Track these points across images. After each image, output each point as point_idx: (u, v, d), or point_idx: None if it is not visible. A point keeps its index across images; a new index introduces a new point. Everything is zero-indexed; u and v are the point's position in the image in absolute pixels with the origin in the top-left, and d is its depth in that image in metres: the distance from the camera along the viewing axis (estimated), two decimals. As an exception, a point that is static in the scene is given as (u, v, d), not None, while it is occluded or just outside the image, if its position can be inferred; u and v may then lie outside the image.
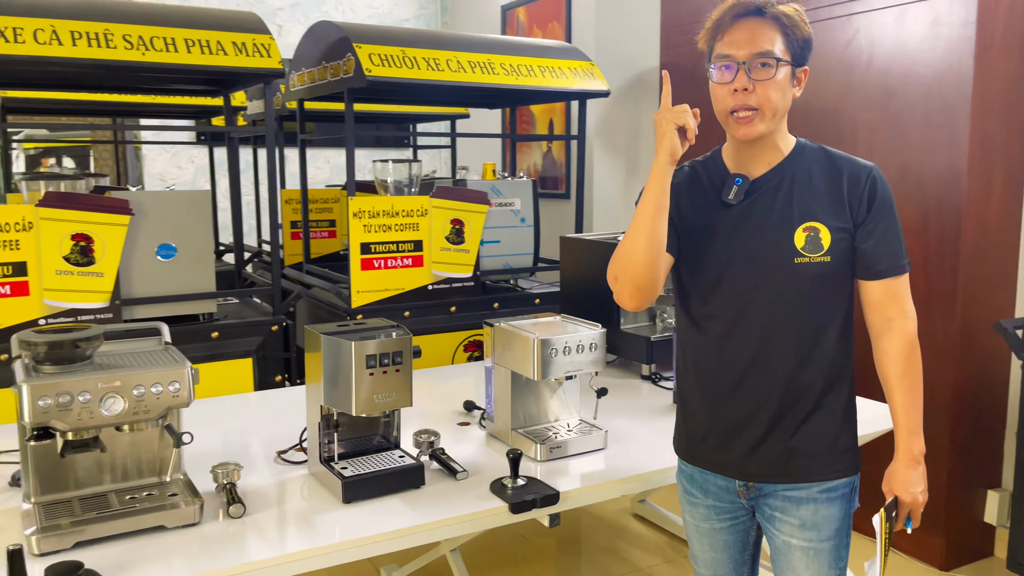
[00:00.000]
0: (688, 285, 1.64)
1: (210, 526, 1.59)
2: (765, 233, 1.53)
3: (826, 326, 1.54)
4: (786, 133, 1.58)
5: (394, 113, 5.15)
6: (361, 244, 3.21)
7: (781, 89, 1.50)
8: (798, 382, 1.54)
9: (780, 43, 1.49)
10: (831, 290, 1.53)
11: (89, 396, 1.46)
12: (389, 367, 1.70)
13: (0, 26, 2.44)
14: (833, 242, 1.50)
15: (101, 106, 4.25)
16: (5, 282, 2.61)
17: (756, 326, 1.54)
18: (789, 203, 1.53)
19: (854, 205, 1.52)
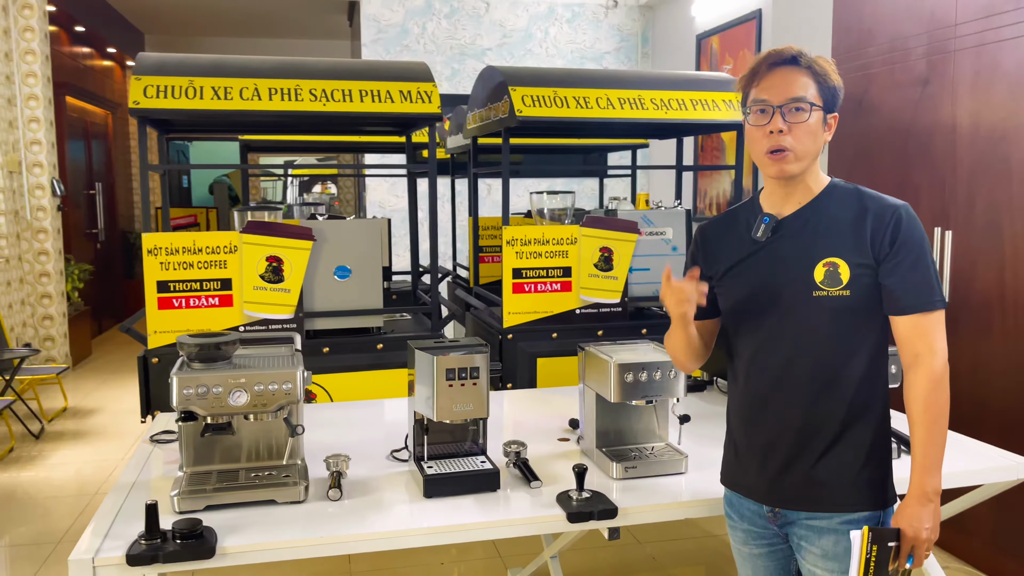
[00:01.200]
0: (725, 315, 1.78)
1: (312, 505, 1.90)
2: (788, 267, 1.64)
3: (848, 359, 1.60)
4: (818, 174, 1.68)
5: (584, 145, 5.39)
6: (513, 269, 3.48)
7: (813, 132, 1.60)
8: (818, 412, 1.62)
9: (813, 89, 1.60)
10: (853, 324, 1.60)
11: (221, 389, 1.83)
12: (467, 380, 1.93)
13: (214, 85, 3.01)
14: (853, 277, 1.58)
15: (327, 144, 4.90)
16: (215, 294, 3.17)
17: (778, 355, 1.65)
18: (813, 239, 1.63)
19: (876, 242, 1.57)
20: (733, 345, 1.77)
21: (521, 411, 2.80)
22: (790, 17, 4.42)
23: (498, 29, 7.34)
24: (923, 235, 1.58)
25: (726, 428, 1.84)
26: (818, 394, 1.61)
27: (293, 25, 10.03)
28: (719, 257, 1.76)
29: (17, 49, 6.58)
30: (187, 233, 3.16)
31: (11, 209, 6.46)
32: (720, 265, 1.75)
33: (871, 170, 3.63)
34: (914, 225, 1.57)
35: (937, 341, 1.56)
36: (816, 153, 1.62)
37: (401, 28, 7.17)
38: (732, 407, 1.79)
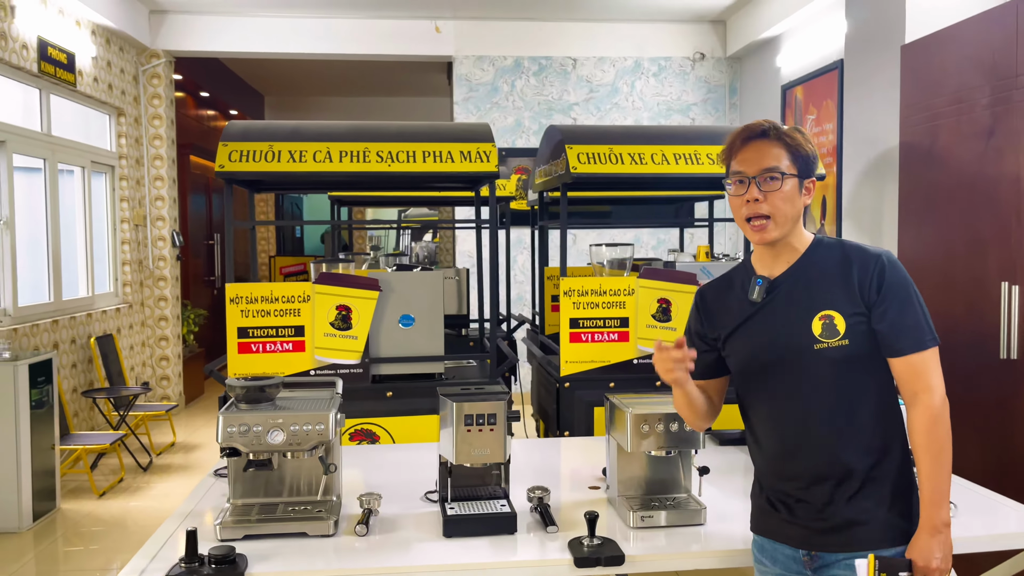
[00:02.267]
0: (734, 376, 1.86)
1: (341, 539, 2.05)
2: (786, 325, 1.72)
3: (860, 404, 1.67)
4: (802, 234, 1.77)
5: (665, 196, 5.46)
6: (570, 319, 3.58)
7: (789, 199, 1.71)
8: (843, 459, 1.68)
9: (786, 159, 1.71)
10: (857, 371, 1.67)
11: (260, 428, 2.02)
12: (484, 426, 2.05)
13: (291, 149, 3.30)
14: (849, 327, 1.66)
15: (408, 199, 5.18)
16: (289, 340, 3.43)
17: (792, 411, 1.74)
18: (807, 295, 1.71)
19: (864, 290, 1.66)
20: (746, 404, 1.84)
21: (565, 458, 2.88)
22: (862, 69, 4.39)
23: (585, 85, 7.54)
24: (907, 278, 1.67)
25: (753, 477, 1.90)
26: (837, 442, 1.68)
27: (398, 84, 10.59)
28: (720, 320, 1.85)
29: (146, 115, 7.28)
30: (266, 284, 3.44)
31: (135, 259, 7.08)
32: (721, 328, 1.84)
33: (939, 222, 3.55)
34: (897, 270, 1.66)
35: (933, 378, 1.64)
36: (795, 217, 1.72)
37: (491, 87, 7.48)
38: (756, 460, 1.86)
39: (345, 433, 3.43)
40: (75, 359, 5.81)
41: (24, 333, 5.08)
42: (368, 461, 2.82)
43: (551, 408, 3.85)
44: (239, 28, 7.26)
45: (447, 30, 7.38)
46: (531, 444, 3.11)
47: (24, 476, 4.26)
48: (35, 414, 4.36)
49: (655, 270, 3.66)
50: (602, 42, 7.51)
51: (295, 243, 13.75)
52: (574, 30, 7.47)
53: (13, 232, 5.10)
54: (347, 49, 7.38)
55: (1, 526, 4.25)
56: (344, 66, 9.21)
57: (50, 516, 4.54)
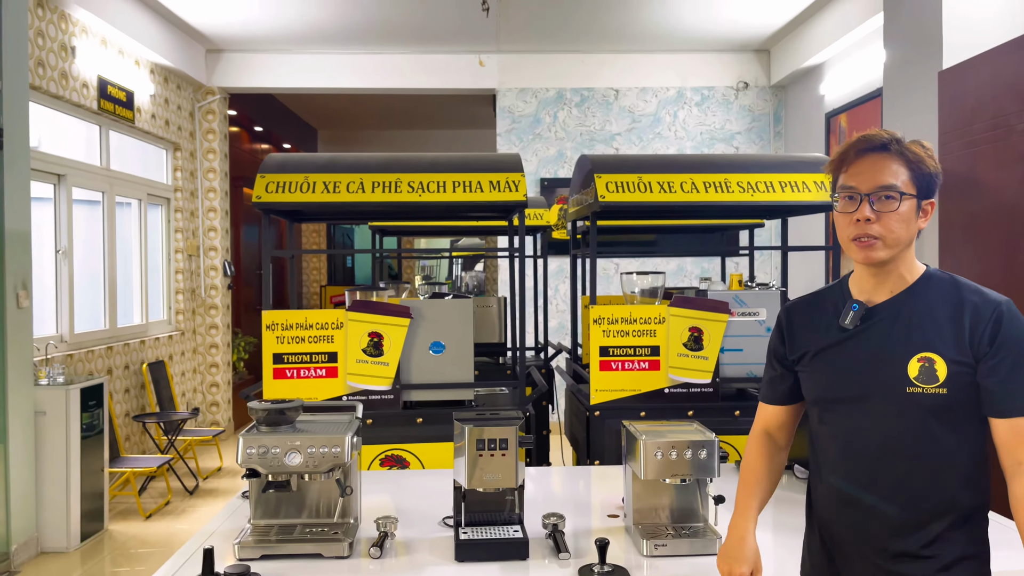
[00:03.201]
0: (809, 404, 1.73)
1: (355, 561, 2.09)
2: (879, 360, 1.57)
3: (946, 462, 1.53)
4: (913, 263, 1.61)
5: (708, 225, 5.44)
6: (600, 347, 3.59)
7: (904, 221, 1.54)
8: (911, 515, 1.54)
9: (904, 176, 1.55)
10: (950, 424, 1.52)
11: (279, 450, 2.08)
12: (496, 451, 2.07)
13: (325, 180, 3.40)
14: (950, 375, 1.50)
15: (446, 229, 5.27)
16: (321, 366, 3.50)
17: (868, 453, 1.58)
18: (907, 332, 1.55)
19: (975, 339, 1.50)
20: (816, 435, 1.71)
21: (590, 487, 2.87)
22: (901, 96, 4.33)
23: (627, 115, 7.58)
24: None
25: (807, 517, 1.81)
26: (911, 496, 1.54)
27: (446, 117, 10.79)
28: (802, 340, 1.71)
29: (201, 149, 7.56)
30: (300, 311, 3.53)
31: (188, 288, 7.31)
32: (804, 350, 1.70)
33: (979, 250, 3.46)
34: (1017, 323, 1.49)
35: None
36: (908, 240, 1.56)
37: (533, 118, 7.58)
38: (817, 498, 1.73)
39: (375, 459, 3.48)
40: (128, 384, 6.01)
41: (79, 359, 5.28)
42: (394, 486, 2.86)
43: (582, 437, 3.84)
44: (290, 65, 7.51)
45: (491, 64, 7.52)
46: (557, 472, 3.11)
47: (73, 497, 4.40)
48: (86, 437, 4.51)
49: (686, 298, 3.65)
50: (644, 72, 7.56)
51: (346, 272, 14.01)
52: (616, 61, 7.53)
53: (71, 262, 5.33)
54: (394, 83, 7.57)
55: (50, 545, 4.40)
56: (393, 100, 9.43)
57: (98, 537, 4.68)
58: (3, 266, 4.12)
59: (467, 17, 6.51)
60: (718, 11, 6.47)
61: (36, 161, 4.96)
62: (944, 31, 3.88)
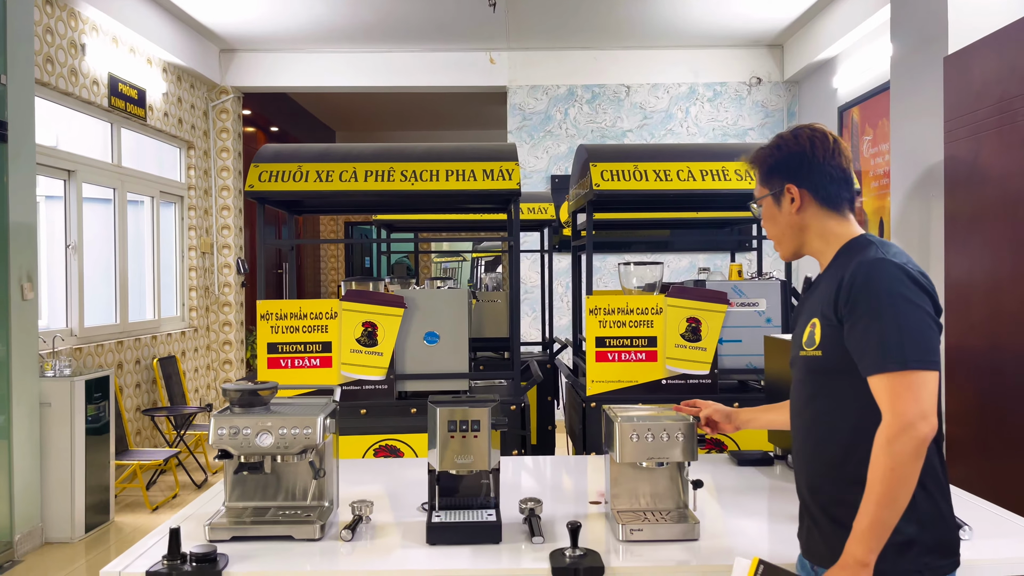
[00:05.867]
0: None
1: (327, 543, 2.06)
2: (797, 328, 1.72)
3: (831, 426, 1.59)
4: (828, 240, 1.68)
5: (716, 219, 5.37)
6: (596, 338, 3.55)
7: (769, 220, 1.73)
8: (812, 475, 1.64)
9: (759, 181, 1.72)
10: (829, 386, 1.59)
11: (250, 431, 2.06)
12: (468, 432, 2.04)
13: (318, 169, 3.40)
14: (824, 337, 1.58)
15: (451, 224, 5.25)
16: (315, 356, 3.50)
17: (792, 419, 1.74)
18: (811, 300, 1.69)
19: (839, 301, 1.55)
20: None
21: (578, 475, 2.83)
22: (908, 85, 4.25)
23: (638, 111, 7.53)
24: (884, 291, 1.47)
25: None
26: (810, 457, 1.63)
27: (461, 117, 10.80)
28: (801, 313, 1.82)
29: (214, 147, 7.63)
30: (294, 301, 3.52)
31: (202, 285, 7.37)
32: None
33: (986, 236, 3.38)
34: (872, 281, 1.49)
35: (895, 404, 1.44)
36: (786, 232, 1.70)
37: (544, 115, 7.55)
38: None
39: (369, 449, 3.47)
40: (139, 379, 6.06)
41: (89, 352, 5.34)
42: (382, 473, 2.83)
43: (578, 428, 3.79)
44: (303, 64, 7.55)
45: (501, 61, 7.51)
46: (547, 460, 3.07)
47: (78, 488, 4.44)
48: (91, 429, 4.55)
49: (684, 288, 3.60)
50: (656, 68, 7.50)
51: (364, 272, 14.06)
52: (627, 57, 7.48)
53: (81, 257, 5.39)
54: (406, 81, 7.58)
55: (55, 536, 4.44)
56: (407, 99, 9.46)
57: (103, 528, 4.71)
58: (8, 259, 4.17)
59: (478, 14, 6.50)
60: (730, 5, 6.40)
61: (46, 157, 5.02)
62: (950, 16, 3.80)
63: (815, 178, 1.65)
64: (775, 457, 2.92)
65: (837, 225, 1.66)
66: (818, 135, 1.66)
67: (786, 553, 2.03)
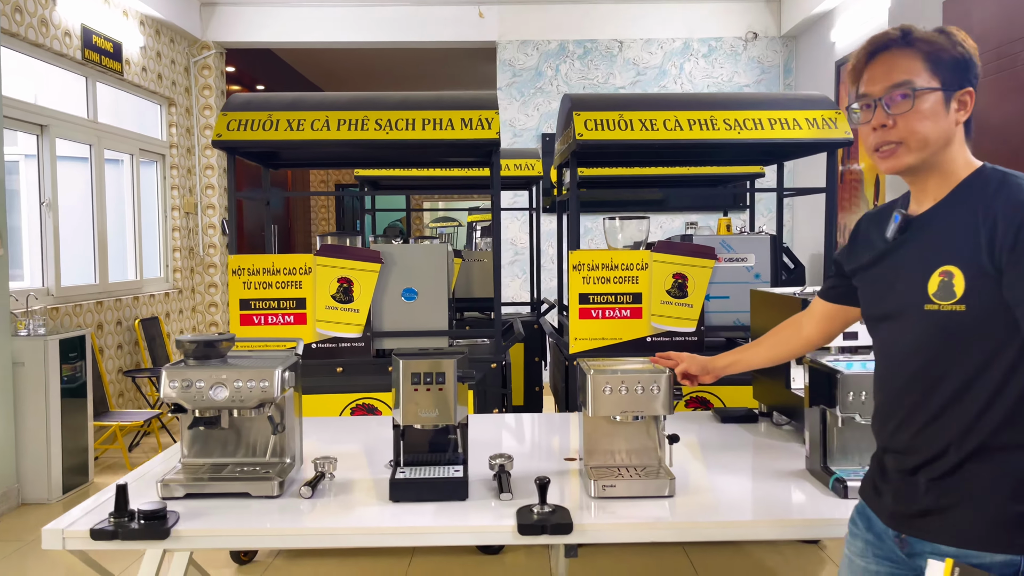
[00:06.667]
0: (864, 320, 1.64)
1: (285, 500, 1.98)
2: (905, 275, 1.44)
3: (970, 383, 1.35)
4: (958, 163, 1.42)
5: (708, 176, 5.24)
6: (580, 295, 3.44)
7: (928, 118, 1.38)
8: (933, 437, 1.39)
9: (922, 70, 1.39)
10: (972, 345, 1.34)
11: (203, 384, 1.96)
12: (432, 385, 1.94)
13: (289, 118, 3.26)
14: (969, 289, 1.32)
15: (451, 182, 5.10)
16: (291, 312, 3.39)
17: (897, 373, 1.46)
18: (936, 243, 1.39)
19: (997, 245, 1.29)
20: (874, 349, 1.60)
21: (554, 432, 2.74)
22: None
23: (631, 68, 7.34)
24: None
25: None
26: (931, 423, 1.39)
27: (449, 76, 10.58)
28: (860, 253, 1.60)
29: (197, 105, 7.44)
30: (268, 255, 3.41)
31: (186, 246, 7.24)
32: (858, 263, 1.59)
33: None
34: None
35: None
36: (941, 140, 1.39)
37: (535, 71, 7.36)
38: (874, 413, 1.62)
39: (347, 407, 3.38)
40: (120, 340, 5.96)
41: (67, 313, 5.23)
42: (361, 431, 2.74)
43: (561, 387, 3.71)
44: (286, 18, 7.34)
45: (491, 15, 7.30)
46: (525, 418, 2.98)
47: (54, 449, 4.36)
48: (68, 390, 4.46)
49: (670, 243, 3.48)
50: (649, 23, 7.30)
51: (356, 236, 13.90)
52: (620, 11, 7.28)
53: (56, 215, 5.26)
54: (394, 36, 7.38)
55: (31, 497, 4.37)
56: (395, 56, 9.24)
57: (82, 489, 4.64)
58: (-25, 214, 4.04)
59: (463, -36, 6.28)
60: (724, -45, 6.19)
61: (16, 111, 4.86)
62: (951, -41, 3.63)
63: (976, 94, 1.41)
64: (760, 414, 2.83)
65: (965, 151, 1.43)
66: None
67: (767, 510, 1.94)
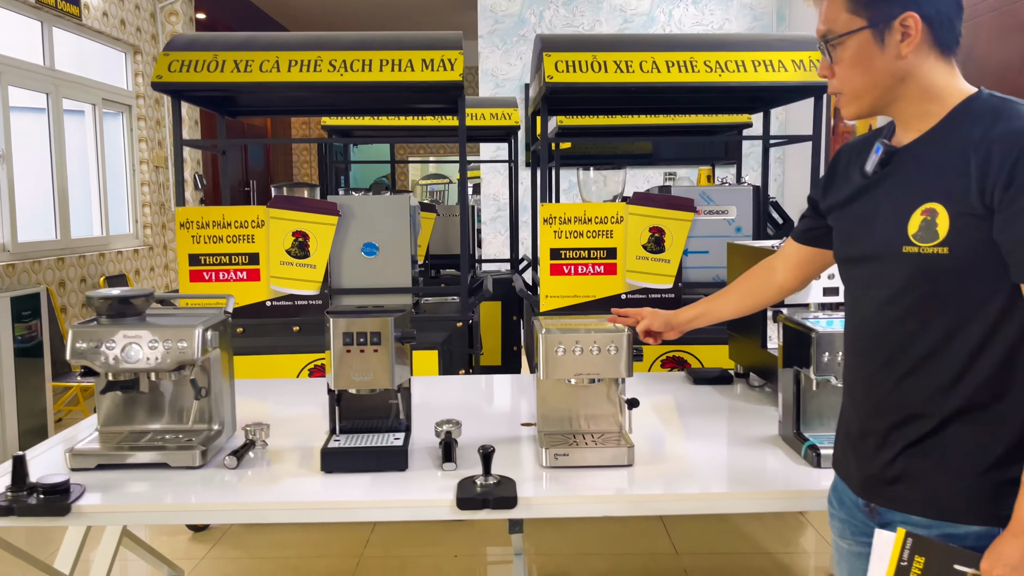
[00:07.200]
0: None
1: (208, 471, 1.80)
2: (882, 214, 1.29)
3: (952, 335, 1.21)
4: (940, 90, 1.25)
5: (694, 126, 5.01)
6: (551, 250, 3.25)
7: (859, 64, 1.26)
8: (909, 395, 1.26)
9: (843, 10, 1.25)
10: (955, 292, 1.20)
11: (115, 344, 1.77)
12: (367, 346, 1.76)
13: (236, 59, 3.02)
14: (954, 230, 1.18)
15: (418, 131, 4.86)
16: (242, 268, 3.19)
17: (870, 322, 1.32)
18: (918, 178, 1.24)
19: (990, 181, 1.14)
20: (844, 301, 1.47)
21: (516, 394, 2.57)
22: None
23: (618, 14, 7.05)
24: None
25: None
26: (906, 375, 1.26)
27: (428, 25, 10.24)
28: (837, 188, 1.43)
29: (165, 53, 7.14)
30: (217, 207, 3.20)
31: (156, 201, 7.00)
32: (834, 199, 1.43)
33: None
34: None
35: None
36: (882, 82, 1.25)
37: (518, 18, 7.07)
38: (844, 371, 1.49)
39: (304, 369, 3.20)
40: (85, 299, 5.75)
41: (24, 269, 5.02)
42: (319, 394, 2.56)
43: (532, 346, 3.53)
44: (257, -38, 7.01)
45: (471, -41, 6.98)
46: (485, 380, 2.80)
47: (8, 410, 4.19)
48: (22, 350, 4.28)
49: (647, 195, 3.28)
50: (637, -32, 6.99)
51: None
52: (607, -45, 6.96)
53: (11, 166, 5.02)
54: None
55: (-14, 460, 4.21)
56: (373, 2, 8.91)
57: (41, 452, 4.49)
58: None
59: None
60: None
61: (-38, 56, 4.59)
62: None
63: (939, 4, 1.22)
64: (736, 375, 2.67)
65: (947, 75, 1.25)
66: None
67: (733, 482, 1.78)
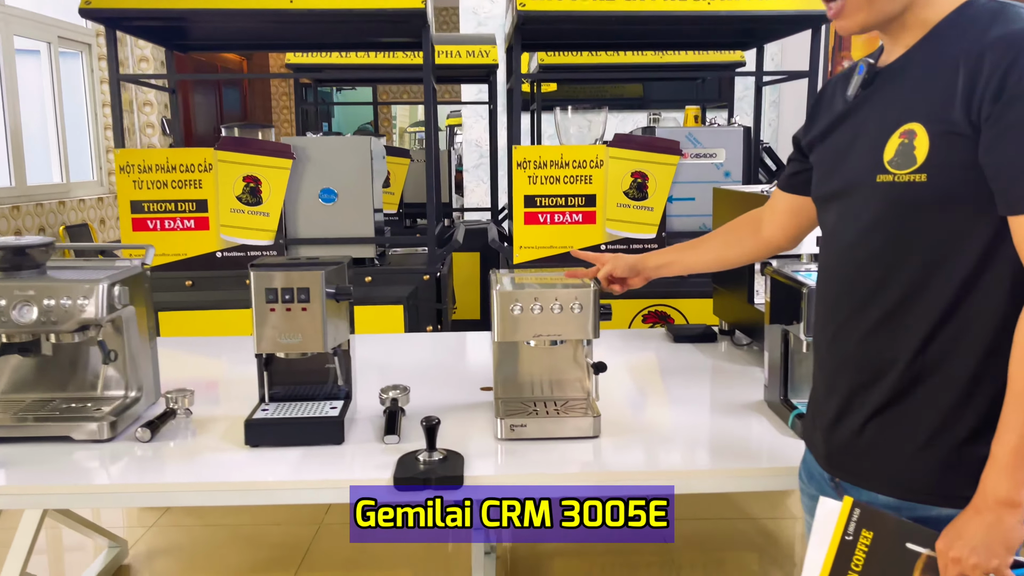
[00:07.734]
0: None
1: (117, 444, 1.59)
2: (858, 138, 1.13)
3: (926, 282, 1.04)
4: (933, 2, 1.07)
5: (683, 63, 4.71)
6: (525, 196, 3.01)
7: None
8: (872, 352, 1.10)
9: None
10: (930, 228, 1.03)
11: (4, 302, 1.54)
12: (294, 304, 1.53)
13: (175, -15, 2.73)
14: (933, 153, 1.00)
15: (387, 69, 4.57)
16: (190, 216, 2.95)
17: (842, 263, 1.15)
18: (904, 95, 1.07)
19: (976, 95, 0.96)
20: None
21: (483, 354, 2.35)
22: None
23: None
24: None
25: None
26: (875, 327, 1.09)
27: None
28: (819, 120, 1.26)
29: (127, -10, 6.74)
30: (162, 150, 2.94)
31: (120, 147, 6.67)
32: (815, 133, 1.26)
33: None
34: None
35: None
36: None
37: (500, -48, 6.69)
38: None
39: (259, 324, 2.97)
40: (46, 249, 5.49)
41: (-26, 218, 4.75)
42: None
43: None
44: None
45: None
46: (444, 338, 2.58)
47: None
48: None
49: (629, 137, 3.04)
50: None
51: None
52: None
53: (-45, 109, 4.71)
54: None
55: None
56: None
57: (-5, 410, 4.28)
58: None
59: None
60: None
61: None
62: None
63: None
64: (721, 332, 2.45)
65: None
66: None
67: (711, 456, 1.58)
